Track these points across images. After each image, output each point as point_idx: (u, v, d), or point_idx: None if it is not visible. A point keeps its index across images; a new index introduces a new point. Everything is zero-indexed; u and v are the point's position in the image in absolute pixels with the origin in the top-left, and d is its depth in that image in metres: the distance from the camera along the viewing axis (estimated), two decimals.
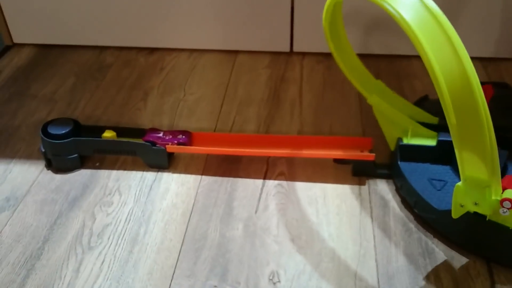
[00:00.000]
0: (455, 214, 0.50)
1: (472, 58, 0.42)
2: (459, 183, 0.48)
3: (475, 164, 0.45)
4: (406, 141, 0.62)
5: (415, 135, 0.63)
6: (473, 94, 0.42)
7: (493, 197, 0.47)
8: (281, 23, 0.88)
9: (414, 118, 0.64)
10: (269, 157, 0.69)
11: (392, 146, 0.65)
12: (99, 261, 0.55)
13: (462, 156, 0.46)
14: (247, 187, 0.64)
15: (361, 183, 0.64)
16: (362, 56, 0.71)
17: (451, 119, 0.44)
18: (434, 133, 0.62)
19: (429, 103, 0.69)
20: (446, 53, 0.42)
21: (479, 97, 0.42)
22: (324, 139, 0.68)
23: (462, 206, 0.49)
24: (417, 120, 0.64)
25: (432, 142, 0.61)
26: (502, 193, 0.47)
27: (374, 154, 0.63)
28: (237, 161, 0.68)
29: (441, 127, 0.63)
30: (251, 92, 0.83)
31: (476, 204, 0.48)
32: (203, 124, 0.76)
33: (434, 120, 0.65)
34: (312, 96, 0.81)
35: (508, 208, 0.47)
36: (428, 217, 0.57)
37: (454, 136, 0.45)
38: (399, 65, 0.88)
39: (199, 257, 0.55)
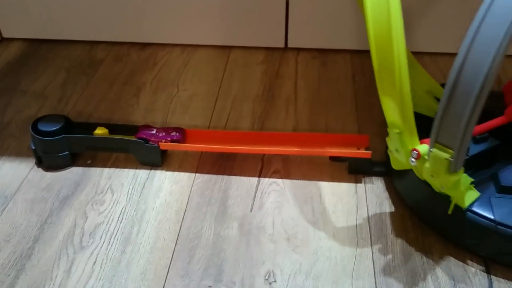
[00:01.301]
0: (393, 164, 0.52)
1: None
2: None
3: (392, 110, 0.47)
4: None
5: None
6: (391, 40, 0.43)
7: (409, 147, 0.48)
8: (275, 19, 0.87)
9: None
10: (264, 154, 0.68)
11: None
12: (91, 261, 0.54)
13: (383, 102, 0.48)
14: (242, 185, 0.63)
15: (357, 181, 0.64)
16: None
17: (374, 64, 0.45)
18: None
19: None
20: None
21: (395, 44, 0.43)
22: (320, 136, 0.67)
23: (391, 152, 0.52)
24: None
25: None
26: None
27: (370, 152, 0.62)
28: (231, 158, 0.67)
29: None
30: (246, 88, 0.81)
31: (397, 150, 0.50)
32: (197, 120, 0.74)
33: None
34: (307, 92, 0.80)
35: (415, 158, 0.48)
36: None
37: (376, 81, 0.47)
38: None
39: (194, 257, 0.54)
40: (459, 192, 0.50)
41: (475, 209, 0.51)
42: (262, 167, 0.66)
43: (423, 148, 0.47)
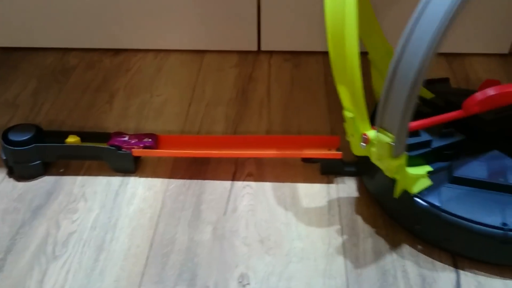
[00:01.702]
0: (352, 149, 0.54)
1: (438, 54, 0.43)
2: None
3: (346, 95, 0.50)
4: None
5: None
6: (344, 27, 0.46)
7: (361, 131, 0.51)
8: (248, 22, 0.88)
9: None
10: (238, 158, 0.68)
11: None
12: (64, 270, 0.54)
13: (338, 89, 0.50)
14: (215, 189, 0.64)
15: (329, 181, 0.65)
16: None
17: (330, 55, 0.49)
18: None
19: (442, 86, 0.70)
20: None
21: (348, 32, 0.46)
22: (292, 139, 0.68)
23: (348, 137, 0.54)
24: None
25: None
26: None
27: (341, 152, 0.63)
28: (205, 163, 0.67)
29: (430, 104, 0.65)
30: (219, 92, 0.82)
31: (352, 135, 0.53)
32: (171, 126, 0.75)
33: (428, 95, 0.67)
34: (280, 95, 0.81)
35: (364, 142, 0.51)
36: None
37: (332, 71, 0.50)
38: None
39: (167, 263, 0.55)
40: (403, 177, 0.53)
41: (423, 196, 0.54)
42: (236, 170, 0.67)
43: (372, 133, 0.50)
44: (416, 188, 0.54)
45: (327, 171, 0.65)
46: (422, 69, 0.42)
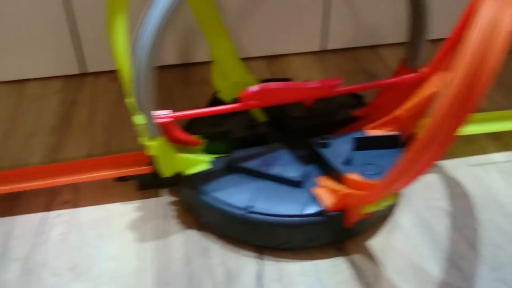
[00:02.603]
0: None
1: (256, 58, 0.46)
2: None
3: (128, 87, 0.56)
4: None
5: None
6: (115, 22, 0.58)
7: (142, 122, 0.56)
8: (67, 46, 0.86)
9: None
10: (53, 186, 0.67)
11: None
12: None
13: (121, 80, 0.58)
14: (26, 224, 0.62)
15: (146, 196, 0.66)
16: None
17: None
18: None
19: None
20: None
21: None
22: (107, 159, 0.68)
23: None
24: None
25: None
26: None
27: (152, 166, 0.65)
28: (15, 198, 0.65)
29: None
30: (40, 121, 0.80)
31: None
32: None
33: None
34: (104, 116, 0.81)
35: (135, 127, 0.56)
36: None
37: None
38: (193, 72, 0.91)
39: None
40: (162, 158, 0.57)
41: (195, 180, 0.59)
42: (51, 200, 0.65)
43: (139, 117, 0.55)
44: (189, 171, 0.59)
45: (144, 186, 0.66)
46: (149, 58, 0.51)
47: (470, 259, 0.56)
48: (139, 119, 0.54)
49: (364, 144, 0.63)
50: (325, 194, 0.56)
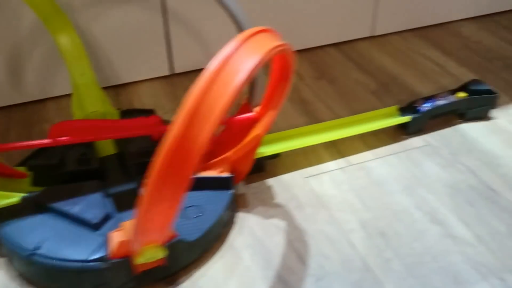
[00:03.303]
0: None
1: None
2: None
3: None
4: None
5: None
6: None
7: None
8: None
9: None
10: None
11: None
12: None
13: None
14: None
15: None
16: None
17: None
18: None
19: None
20: None
21: None
22: None
23: None
24: None
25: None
26: None
27: None
28: None
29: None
30: None
31: None
32: None
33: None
34: None
35: None
36: None
37: None
38: (31, 111, 0.86)
39: None
40: None
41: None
42: None
43: None
44: None
45: None
46: None
47: (298, 272, 0.57)
48: None
49: (194, 184, 0.60)
50: (115, 239, 0.51)
